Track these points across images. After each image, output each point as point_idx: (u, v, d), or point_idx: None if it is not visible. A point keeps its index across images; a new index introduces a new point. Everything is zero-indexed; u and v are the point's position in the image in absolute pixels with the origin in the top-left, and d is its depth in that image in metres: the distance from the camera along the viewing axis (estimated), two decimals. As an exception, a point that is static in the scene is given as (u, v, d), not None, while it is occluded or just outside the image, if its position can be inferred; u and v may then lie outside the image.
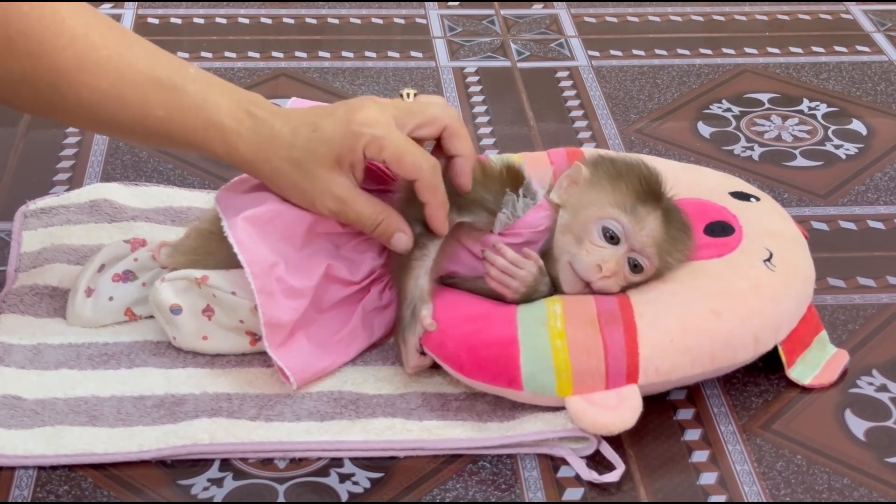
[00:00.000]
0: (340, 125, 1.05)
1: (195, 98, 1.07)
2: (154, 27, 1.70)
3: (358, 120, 1.05)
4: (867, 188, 1.39)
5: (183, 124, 1.07)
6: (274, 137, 1.06)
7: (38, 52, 1.03)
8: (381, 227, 1.07)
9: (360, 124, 1.05)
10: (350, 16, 1.74)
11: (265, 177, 1.08)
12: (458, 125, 1.08)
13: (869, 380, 1.12)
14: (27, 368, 1.09)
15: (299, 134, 1.06)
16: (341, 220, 1.08)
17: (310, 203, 1.07)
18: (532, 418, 1.04)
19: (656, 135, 1.48)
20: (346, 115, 1.06)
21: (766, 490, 1.00)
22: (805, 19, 1.77)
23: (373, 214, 1.07)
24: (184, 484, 0.99)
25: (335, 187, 1.05)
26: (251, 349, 1.11)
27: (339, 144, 1.05)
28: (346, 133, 1.05)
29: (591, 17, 1.76)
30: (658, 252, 1.07)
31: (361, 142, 1.04)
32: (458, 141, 1.08)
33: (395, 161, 1.05)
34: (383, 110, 1.06)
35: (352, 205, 1.06)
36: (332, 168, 1.05)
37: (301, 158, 1.05)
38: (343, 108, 1.07)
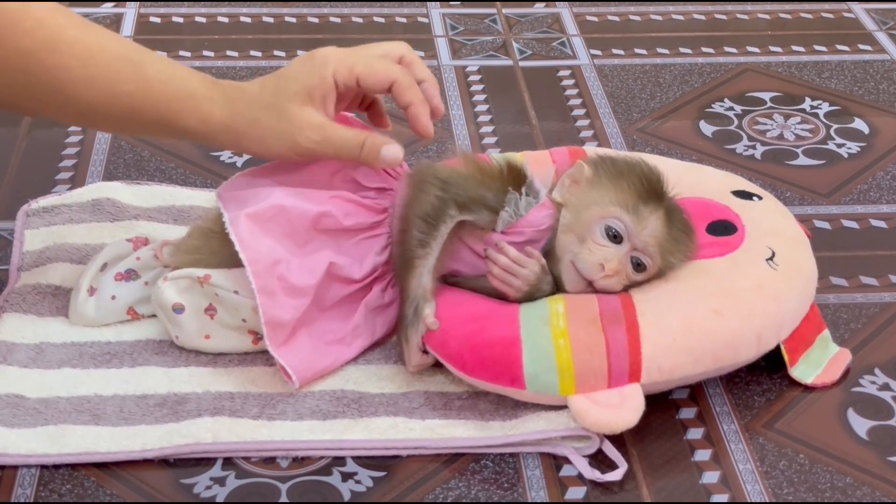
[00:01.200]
0: (304, 63, 1.08)
1: (164, 72, 1.08)
2: (156, 26, 1.70)
3: (320, 54, 1.08)
4: (869, 187, 1.39)
5: (155, 98, 1.07)
6: (244, 93, 1.08)
7: (4, 35, 1.03)
8: (366, 145, 1.08)
9: (323, 55, 1.08)
10: (352, 14, 1.74)
11: (243, 133, 1.08)
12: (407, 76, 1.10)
13: (871, 379, 1.12)
14: (30, 367, 1.09)
15: (267, 83, 1.08)
16: (325, 152, 1.08)
17: (292, 142, 1.07)
18: (535, 417, 1.04)
19: (658, 134, 1.48)
20: (308, 56, 1.09)
21: (769, 489, 1.00)
22: (807, 18, 1.77)
23: (355, 135, 1.08)
24: (186, 483, 0.99)
25: (313, 118, 1.07)
26: (253, 348, 1.11)
27: (307, 77, 1.07)
28: (312, 66, 1.07)
29: (592, 15, 1.76)
30: (660, 251, 1.07)
31: (330, 68, 1.07)
32: (408, 92, 1.09)
33: (368, 74, 1.07)
34: (337, 48, 1.10)
35: (333, 130, 1.07)
36: (306, 102, 1.06)
37: (273, 101, 1.07)
38: (303, 55, 1.10)
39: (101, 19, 1.71)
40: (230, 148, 1.12)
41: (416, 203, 1.08)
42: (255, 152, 1.10)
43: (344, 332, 1.10)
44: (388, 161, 1.08)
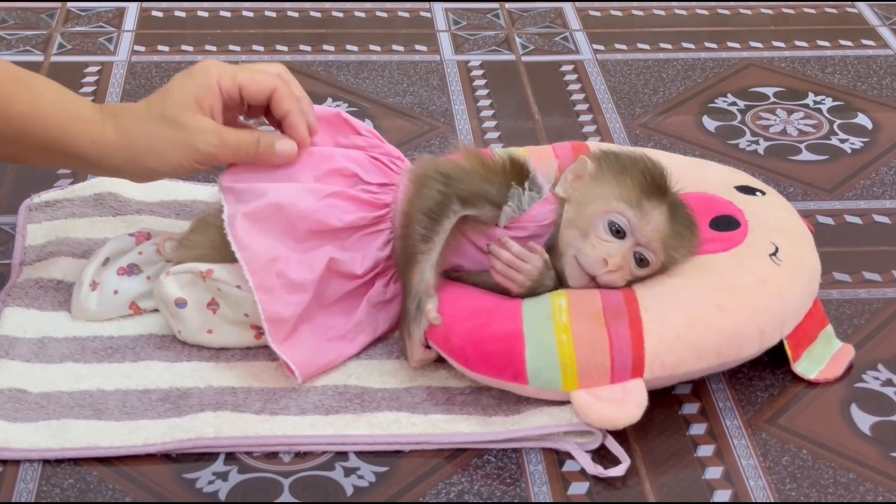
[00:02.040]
0: (187, 76, 1.10)
1: (55, 94, 1.10)
2: (158, 20, 1.69)
3: (201, 66, 1.11)
4: (873, 182, 1.39)
5: (46, 118, 1.09)
6: (133, 111, 1.10)
7: None
8: (262, 142, 1.10)
9: (204, 67, 1.10)
10: (354, 9, 1.74)
11: (140, 149, 1.09)
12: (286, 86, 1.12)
13: (874, 374, 1.12)
14: (32, 362, 1.09)
15: (152, 100, 1.10)
16: (225, 155, 1.10)
17: (192, 149, 1.08)
18: (537, 412, 1.04)
19: (661, 129, 1.48)
20: (189, 70, 1.11)
21: (772, 484, 1.00)
22: (810, 13, 1.77)
23: (249, 134, 1.10)
24: (189, 477, 0.99)
25: (206, 124, 1.09)
26: (256, 343, 1.11)
27: (193, 88, 1.09)
28: (195, 77, 1.10)
29: (595, 10, 1.76)
30: (663, 246, 1.07)
31: (213, 77, 1.09)
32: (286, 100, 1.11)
33: (250, 81, 1.10)
34: (218, 61, 1.13)
35: (228, 134, 1.09)
36: (196, 111, 1.09)
37: (165, 113, 1.09)
38: (182, 72, 1.12)
39: (102, 14, 1.71)
40: (126, 168, 1.11)
41: (418, 198, 1.08)
42: (154, 167, 1.10)
43: (346, 327, 1.10)
44: (282, 154, 1.10)
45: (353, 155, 1.13)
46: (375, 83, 1.56)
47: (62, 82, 1.14)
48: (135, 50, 1.61)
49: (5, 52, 1.60)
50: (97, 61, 1.58)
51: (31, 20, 1.68)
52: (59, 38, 1.64)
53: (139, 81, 1.54)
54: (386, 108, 1.51)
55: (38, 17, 1.69)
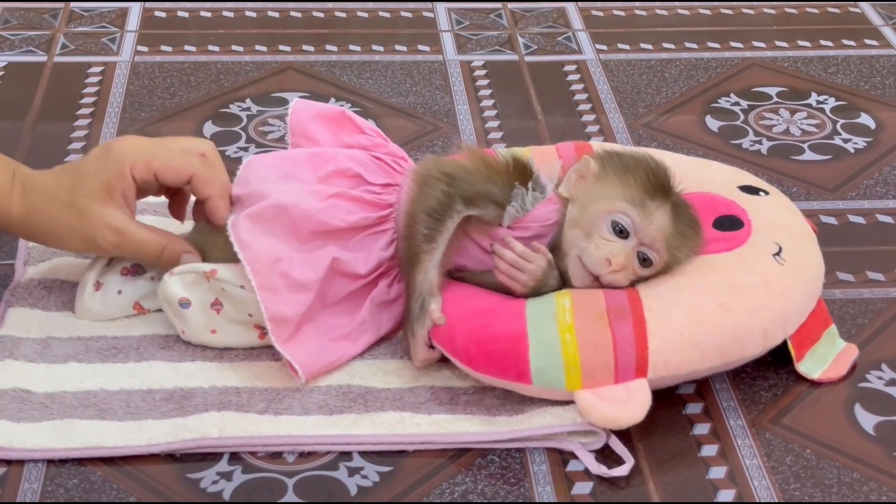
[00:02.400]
0: (101, 159, 1.08)
1: None
2: (161, 21, 1.70)
3: (116, 149, 1.08)
4: (876, 182, 1.39)
5: None
6: (42, 188, 1.08)
7: None
8: (166, 251, 1.09)
9: (120, 151, 1.08)
10: (357, 9, 1.74)
11: (39, 230, 1.08)
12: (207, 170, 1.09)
13: (878, 374, 1.12)
14: (36, 362, 1.09)
15: (63, 179, 1.08)
16: (124, 253, 1.09)
17: (91, 242, 1.08)
18: (541, 412, 1.04)
19: (664, 129, 1.48)
20: (104, 150, 1.08)
21: (776, 484, 1.00)
22: (813, 13, 1.77)
23: (155, 240, 1.09)
24: (193, 477, 0.99)
25: (111, 219, 1.07)
26: (260, 343, 1.11)
27: (105, 174, 1.07)
28: (108, 162, 1.07)
29: (598, 10, 1.76)
30: (667, 246, 1.07)
31: (127, 164, 1.07)
32: (205, 186, 1.09)
33: (165, 169, 1.08)
34: (139, 138, 1.10)
35: (132, 234, 1.08)
36: (105, 201, 1.07)
37: (72, 200, 1.07)
38: (99, 147, 1.10)
39: (105, 14, 1.71)
40: (29, 239, 1.12)
41: (422, 198, 1.08)
42: (52, 246, 1.11)
43: (350, 327, 1.10)
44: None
45: (357, 155, 1.13)
46: (378, 83, 1.56)
47: (65, 83, 1.14)
48: (138, 50, 1.61)
49: (8, 53, 1.60)
50: (100, 61, 1.59)
51: (34, 20, 1.68)
52: (62, 39, 1.64)
53: (142, 82, 1.54)
54: (389, 108, 1.51)
55: (41, 18, 1.69)
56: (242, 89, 1.54)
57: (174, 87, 1.53)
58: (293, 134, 1.16)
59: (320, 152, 1.12)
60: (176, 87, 1.53)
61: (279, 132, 1.45)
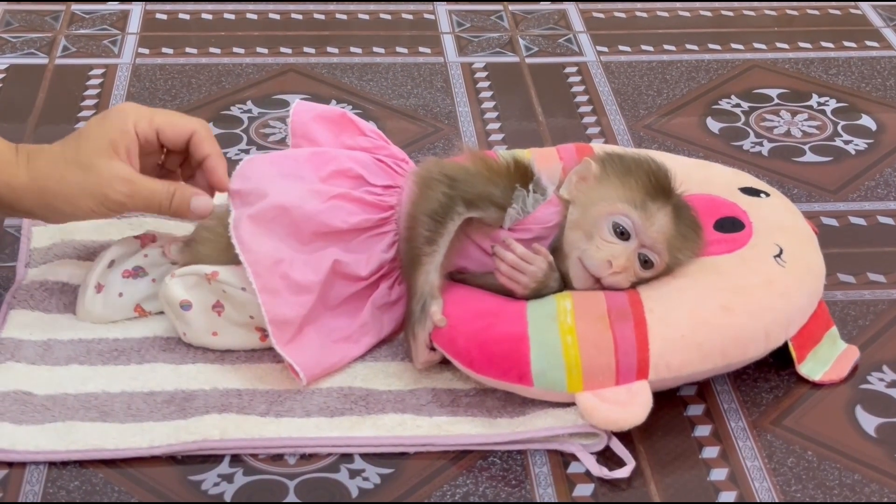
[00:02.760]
0: (103, 119, 1.09)
1: None
2: (162, 23, 1.70)
3: (117, 109, 1.09)
4: (877, 184, 1.39)
5: None
6: (47, 154, 1.08)
7: None
8: (176, 196, 1.09)
9: (121, 109, 1.09)
10: (358, 11, 1.74)
11: (50, 193, 1.08)
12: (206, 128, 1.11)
13: (879, 375, 1.12)
14: (37, 364, 1.09)
15: (68, 142, 1.09)
16: (135, 205, 1.09)
17: (102, 197, 1.07)
18: (542, 414, 1.04)
19: (665, 130, 1.48)
20: (106, 112, 1.10)
21: (777, 486, 1.00)
22: (814, 14, 1.77)
23: (164, 186, 1.09)
24: (194, 479, 0.99)
25: (120, 170, 1.07)
26: (261, 345, 1.11)
27: (109, 131, 1.07)
28: (111, 121, 1.08)
29: (599, 12, 1.76)
30: (668, 248, 1.07)
31: (130, 121, 1.08)
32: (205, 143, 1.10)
33: (168, 125, 1.09)
34: (135, 103, 1.11)
35: (142, 182, 1.08)
36: (111, 156, 1.07)
37: (77, 157, 1.07)
38: (98, 115, 1.10)
39: (107, 16, 1.71)
40: (38, 212, 1.11)
41: (423, 200, 1.08)
42: (64, 211, 1.10)
43: (351, 329, 1.10)
44: (197, 212, 1.09)
45: (358, 156, 1.13)
46: (379, 85, 1.56)
47: (67, 85, 1.14)
48: (139, 52, 1.62)
49: (10, 55, 1.60)
50: (101, 64, 1.59)
51: (35, 22, 1.68)
52: (63, 41, 1.64)
53: (143, 84, 1.54)
54: (390, 109, 1.51)
55: (42, 20, 1.69)
56: (243, 91, 1.54)
57: (175, 89, 1.54)
58: (294, 135, 1.16)
59: (322, 152, 1.13)
60: (177, 90, 1.54)
61: (280, 134, 1.45)
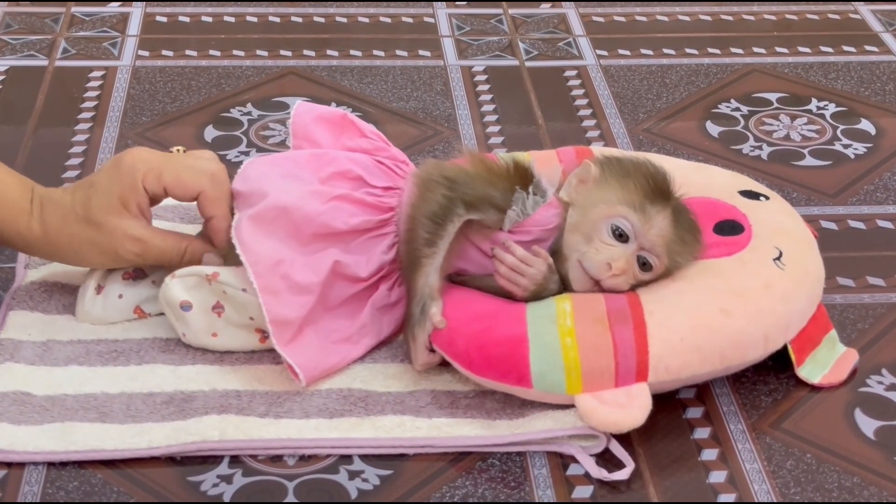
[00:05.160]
0: (113, 171, 1.09)
1: None
2: (162, 26, 1.70)
3: (128, 161, 1.09)
4: (876, 188, 1.39)
5: None
6: (58, 206, 1.09)
7: None
8: (188, 253, 1.10)
9: (131, 163, 1.08)
10: (358, 14, 1.74)
11: (60, 247, 1.09)
12: (215, 189, 1.10)
13: (878, 379, 1.12)
14: (37, 365, 1.09)
15: (77, 195, 1.09)
16: (146, 261, 1.10)
17: (113, 254, 1.09)
18: (541, 416, 1.04)
19: (665, 134, 1.48)
20: (116, 163, 1.09)
21: (776, 489, 1.00)
22: (813, 19, 1.77)
23: (175, 244, 1.10)
24: (193, 480, 0.99)
25: (130, 229, 1.08)
26: (261, 346, 1.11)
27: (118, 187, 1.08)
28: (121, 176, 1.08)
29: (599, 16, 1.76)
30: (667, 251, 1.07)
31: (139, 176, 1.08)
32: (212, 205, 1.10)
33: (175, 183, 1.09)
34: (150, 150, 1.11)
35: (152, 241, 1.09)
36: (121, 213, 1.08)
37: (89, 215, 1.08)
38: (111, 161, 1.10)
39: (107, 19, 1.71)
40: (51, 259, 1.12)
41: (423, 202, 1.08)
42: (73, 263, 1.11)
43: (351, 330, 1.10)
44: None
45: (359, 158, 1.13)
46: (379, 88, 1.56)
47: (67, 87, 1.14)
48: (139, 55, 1.62)
49: (10, 57, 1.60)
50: (101, 66, 1.59)
51: (35, 25, 1.68)
52: (63, 43, 1.64)
53: (143, 86, 1.54)
54: (390, 112, 1.51)
55: (42, 22, 1.69)
56: (243, 94, 1.54)
57: (175, 92, 1.54)
58: (295, 136, 1.16)
59: (322, 153, 1.13)
60: (177, 92, 1.54)
61: (280, 136, 1.45)
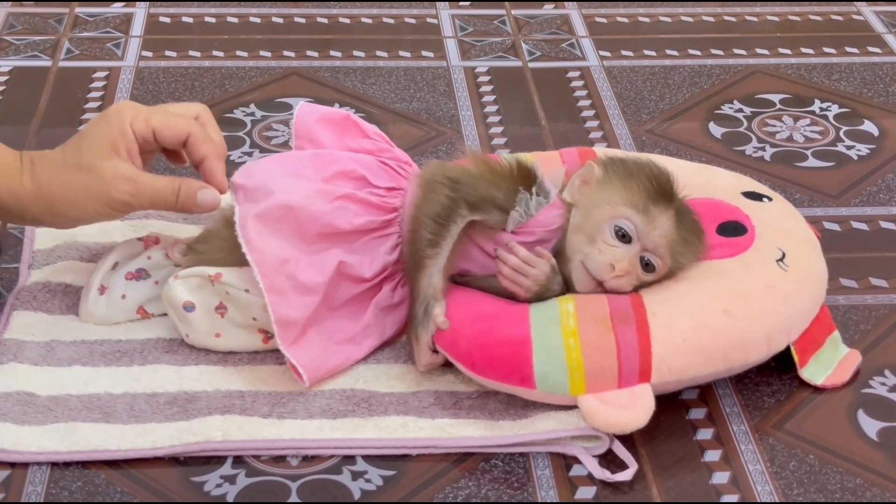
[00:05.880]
0: (101, 120, 1.09)
1: None
2: (165, 26, 1.70)
3: (114, 108, 1.09)
4: (879, 189, 1.39)
5: None
6: (48, 160, 1.09)
7: None
8: (181, 191, 1.09)
9: (118, 109, 1.09)
10: (361, 15, 1.74)
11: (55, 199, 1.08)
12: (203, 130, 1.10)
13: (881, 380, 1.12)
14: (40, 365, 1.09)
15: (68, 146, 1.09)
16: (141, 203, 1.09)
17: (107, 198, 1.08)
18: (544, 417, 1.04)
19: (668, 135, 1.48)
20: (102, 114, 1.10)
21: (779, 489, 1.00)
22: (816, 20, 1.77)
23: (169, 183, 1.09)
24: (197, 480, 0.99)
25: (122, 170, 1.07)
26: (264, 347, 1.11)
27: (108, 132, 1.08)
28: (109, 121, 1.08)
29: (602, 17, 1.76)
30: (670, 252, 1.07)
31: (127, 119, 1.08)
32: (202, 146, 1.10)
33: (164, 126, 1.09)
34: (134, 102, 1.11)
35: (145, 181, 1.08)
36: (112, 156, 1.07)
37: (79, 161, 1.07)
38: (96, 116, 1.11)
39: (110, 19, 1.71)
40: (45, 219, 1.11)
41: (426, 203, 1.08)
42: (71, 215, 1.10)
43: (354, 331, 1.10)
44: (204, 205, 1.10)
45: (362, 158, 1.13)
46: (382, 89, 1.56)
47: (70, 87, 1.15)
48: (142, 55, 1.62)
49: (13, 57, 1.60)
50: (105, 66, 1.59)
51: (38, 25, 1.69)
52: (67, 44, 1.64)
53: (146, 87, 1.55)
54: (393, 113, 1.51)
55: (46, 23, 1.69)
56: (246, 94, 1.54)
57: (178, 92, 1.54)
58: (297, 137, 1.16)
59: (325, 153, 1.13)
60: (180, 93, 1.54)
61: (283, 137, 1.45)
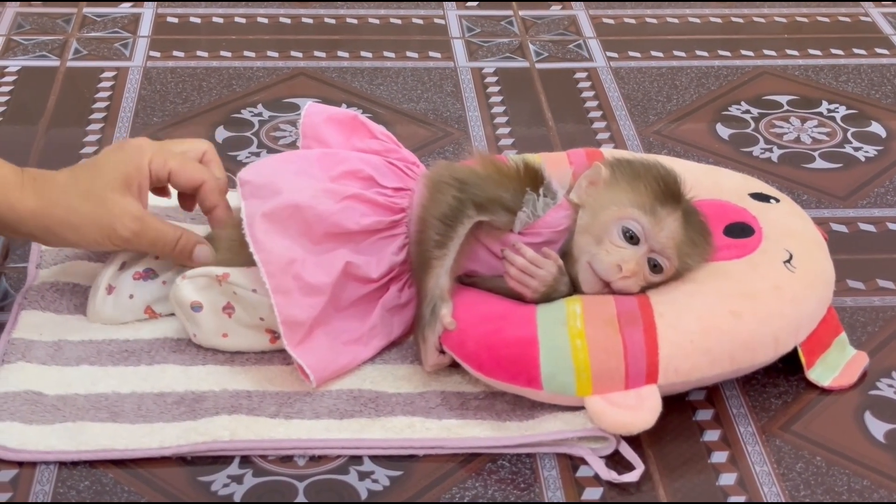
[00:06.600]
0: (118, 152, 1.10)
1: None
2: (173, 26, 1.70)
3: (133, 144, 1.11)
4: (886, 190, 1.39)
5: None
6: (55, 182, 1.09)
7: None
8: (181, 241, 1.11)
9: (138, 145, 1.10)
10: (369, 16, 1.75)
11: (57, 221, 1.09)
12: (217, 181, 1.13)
13: (889, 382, 1.12)
14: (48, 364, 1.09)
15: (80, 172, 1.10)
16: (140, 243, 1.10)
17: (110, 231, 1.09)
18: (551, 418, 1.04)
19: (675, 136, 1.48)
20: (120, 145, 1.11)
21: (786, 491, 1.00)
22: (824, 21, 1.77)
23: (171, 231, 1.11)
24: (204, 480, 1.00)
25: (131, 208, 1.09)
26: (271, 347, 1.11)
27: (124, 165, 1.09)
28: (127, 155, 1.09)
29: (609, 18, 1.76)
30: (677, 253, 1.07)
31: (146, 157, 1.09)
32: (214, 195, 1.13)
33: (181, 171, 1.11)
34: (150, 140, 1.12)
35: (150, 223, 1.10)
36: (123, 191, 1.08)
37: (90, 189, 1.08)
38: (113, 144, 1.12)
39: (118, 20, 1.71)
40: (40, 237, 1.11)
41: (433, 203, 1.08)
42: (68, 239, 1.10)
43: (361, 331, 1.10)
44: (197, 260, 1.12)
45: (369, 159, 1.13)
46: (389, 89, 1.56)
47: (78, 87, 1.15)
48: (150, 55, 1.62)
49: (22, 57, 1.61)
50: (113, 66, 1.59)
51: (47, 25, 1.69)
52: (75, 44, 1.64)
53: (154, 87, 1.55)
54: (400, 114, 1.51)
55: (54, 23, 1.70)
56: (254, 95, 1.54)
57: (186, 93, 1.54)
58: (305, 137, 1.16)
59: (333, 153, 1.13)
60: (188, 93, 1.54)
61: (290, 137, 1.45)
